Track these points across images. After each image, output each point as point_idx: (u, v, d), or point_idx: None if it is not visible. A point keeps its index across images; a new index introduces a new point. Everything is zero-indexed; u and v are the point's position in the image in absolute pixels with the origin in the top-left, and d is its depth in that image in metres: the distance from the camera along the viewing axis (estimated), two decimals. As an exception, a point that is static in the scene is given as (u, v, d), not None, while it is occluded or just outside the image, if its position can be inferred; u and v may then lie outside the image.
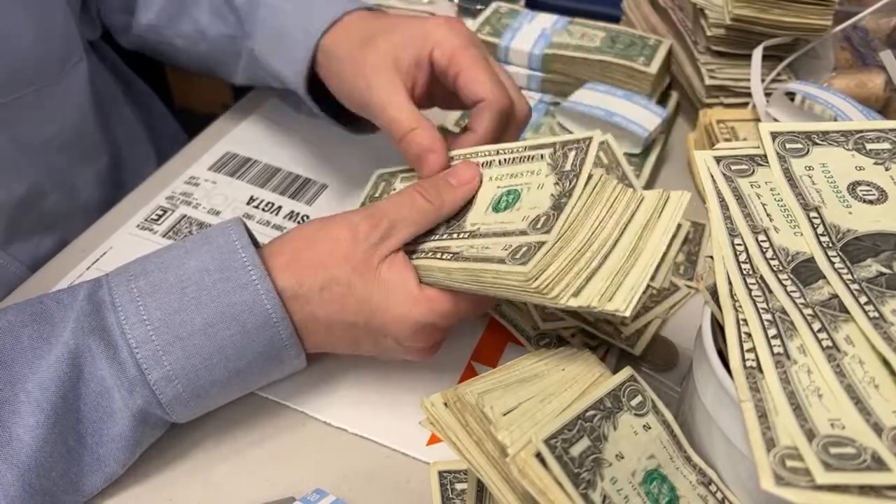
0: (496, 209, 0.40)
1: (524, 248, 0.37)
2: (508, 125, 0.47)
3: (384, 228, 0.39)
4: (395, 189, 0.48)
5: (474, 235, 0.40)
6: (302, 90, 0.51)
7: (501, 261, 0.37)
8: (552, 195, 0.39)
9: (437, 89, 0.48)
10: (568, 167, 0.39)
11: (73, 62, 0.58)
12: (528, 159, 0.42)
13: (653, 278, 0.35)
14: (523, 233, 0.37)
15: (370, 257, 0.39)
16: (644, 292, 0.34)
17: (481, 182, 0.42)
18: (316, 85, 0.51)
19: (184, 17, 0.61)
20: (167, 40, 0.63)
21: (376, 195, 0.49)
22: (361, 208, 0.41)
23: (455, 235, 0.41)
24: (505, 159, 0.43)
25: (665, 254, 0.35)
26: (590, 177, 0.39)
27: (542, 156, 0.41)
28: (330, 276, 0.39)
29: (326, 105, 0.53)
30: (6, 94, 0.52)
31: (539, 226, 0.37)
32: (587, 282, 0.35)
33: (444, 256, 0.39)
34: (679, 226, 0.54)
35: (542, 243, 0.36)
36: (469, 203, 0.42)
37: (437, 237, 0.41)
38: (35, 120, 0.55)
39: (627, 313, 0.33)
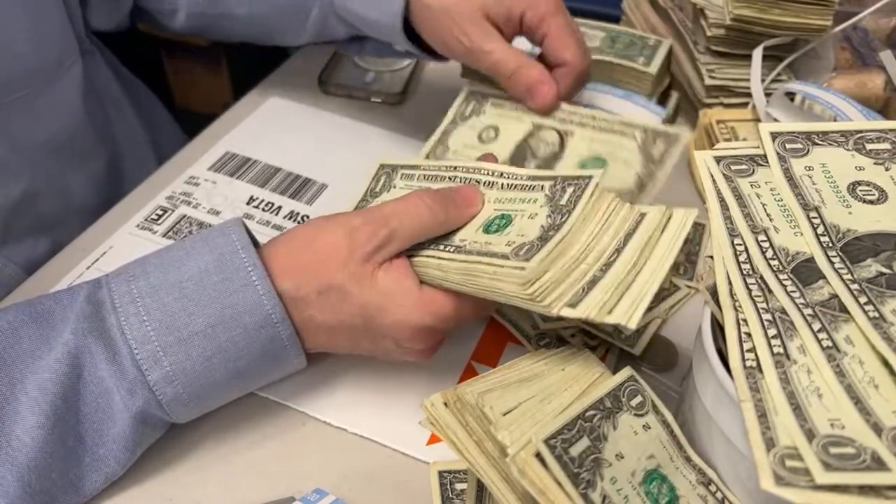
0: (486, 230, 0.41)
1: (527, 247, 0.37)
2: (577, 87, 0.51)
3: (383, 236, 0.39)
4: (394, 185, 0.48)
5: (460, 251, 0.40)
6: (399, 37, 0.53)
7: (505, 256, 0.37)
8: (541, 226, 0.39)
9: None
10: (563, 202, 0.40)
11: (68, 65, 0.57)
12: (529, 188, 0.42)
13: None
14: (504, 257, 0.37)
15: (367, 264, 0.39)
16: (650, 307, 0.34)
17: (484, 204, 0.43)
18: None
19: None
20: (227, 10, 0.62)
21: (377, 189, 0.49)
22: (362, 210, 0.41)
23: (442, 247, 0.41)
24: (507, 184, 0.43)
25: (671, 269, 0.36)
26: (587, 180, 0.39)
27: (542, 187, 0.41)
28: (327, 281, 0.38)
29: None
30: (2, 96, 0.52)
31: (521, 253, 0.37)
32: (586, 293, 0.35)
33: (439, 256, 0.39)
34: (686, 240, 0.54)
35: (545, 243, 0.36)
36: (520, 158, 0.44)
37: (428, 245, 0.41)
38: (30, 123, 0.55)
39: (633, 326, 0.33)
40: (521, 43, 0.53)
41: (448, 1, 0.50)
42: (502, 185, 0.43)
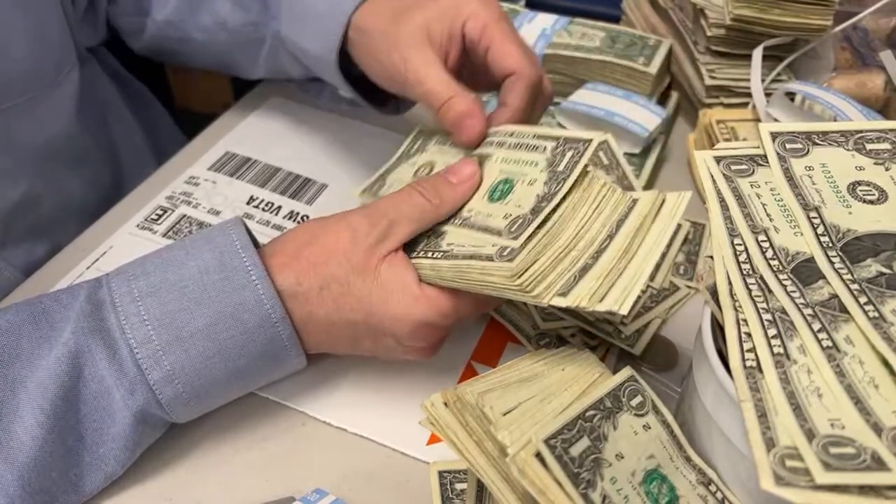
0: (491, 198, 0.41)
1: (520, 221, 0.37)
2: (537, 99, 0.47)
3: (383, 227, 0.39)
4: (427, 149, 0.48)
5: (465, 224, 0.40)
6: (333, 66, 0.51)
7: (490, 258, 0.37)
8: (537, 195, 0.38)
9: (465, 65, 0.48)
10: (561, 168, 0.39)
11: (67, 70, 0.57)
12: (533, 148, 0.41)
13: (652, 279, 0.35)
14: (498, 233, 0.37)
15: (369, 257, 0.39)
16: (644, 292, 0.34)
17: (481, 181, 0.42)
18: (342, 66, 0.51)
19: (203, 10, 0.60)
20: (185, 35, 0.62)
21: (411, 151, 0.49)
22: (360, 207, 0.41)
23: (450, 221, 0.41)
24: (515, 143, 0.43)
25: (664, 254, 0.35)
26: (578, 175, 0.39)
27: (544, 147, 0.41)
28: (329, 275, 0.39)
29: (354, 86, 0.53)
30: (1, 101, 0.52)
31: (513, 229, 0.37)
32: (576, 282, 0.35)
33: (434, 255, 0.39)
34: (679, 226, 0.54)
35: (528, 242, 0.36)
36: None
37: (424, 239, 0.41)
38: (28, 127, 0.55)
39: (624, 311, 0.33)
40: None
41: (387, 24, 0.47)
42: (510, 144, 0.43)
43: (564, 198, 0.38)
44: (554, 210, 0.37)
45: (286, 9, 0.55)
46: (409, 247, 0.41)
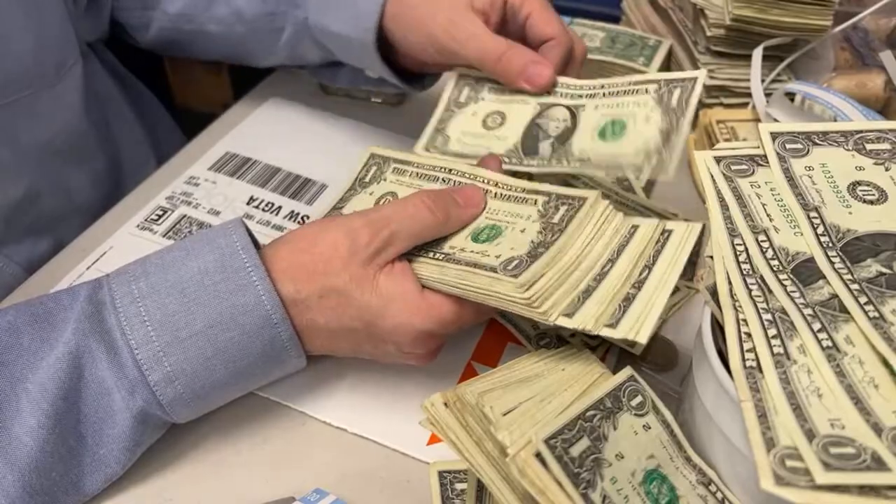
0: (475, 239, 0.41)
1: (516, 262, 0.37)
2: (569, 64, 0.50)
3: (384, 238, 0.39)
4: (384, 178, 0.48)
5: (449, 259, 0.40)
6: (371, 47, 0.52)
7: (493, 269, 0.37)
8: (532, 242, 0.39)
9: (502, 33, 0.50)
10: (556, 220, 0.40)
11: (69, 66, 0.58)
12: (522, 201, 0.42)
13: (667, 313, 0.35)
14: (493, 270, 0.37)
15: (368, 267, 0.39)
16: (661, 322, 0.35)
17: (484, 208, 0.43)
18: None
19: (217, 2, 0.61)
20: (199, 27, 0.62)
21: (366, 179, 0.49)
22: (363, 212, 0.41)
23: (431, 255, 0.41)
24: (502, 194, 0.43)
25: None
26: (582, 200, 0.40)
27: (535, 201, 0.42)
28: (328, 284, 0.38)
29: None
30: (2, 97, 0.52)
31: (511, 268, 0.37)
32: (581, 303, 0.35)
33: (437, 257, 0.39)
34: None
35: (534, 260, 0.37)
36: (571, 131, 0.44)
37: (425, 249, 0.41)
38: (30, 123, 0.55)
39: (642, 340, 0.33)
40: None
41: None
42: (496, 194, 0.43)
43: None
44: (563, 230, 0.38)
45: None
46: (410, 251, 0.41)
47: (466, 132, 0.48)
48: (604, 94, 0.45)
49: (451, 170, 0.45)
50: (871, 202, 0.35)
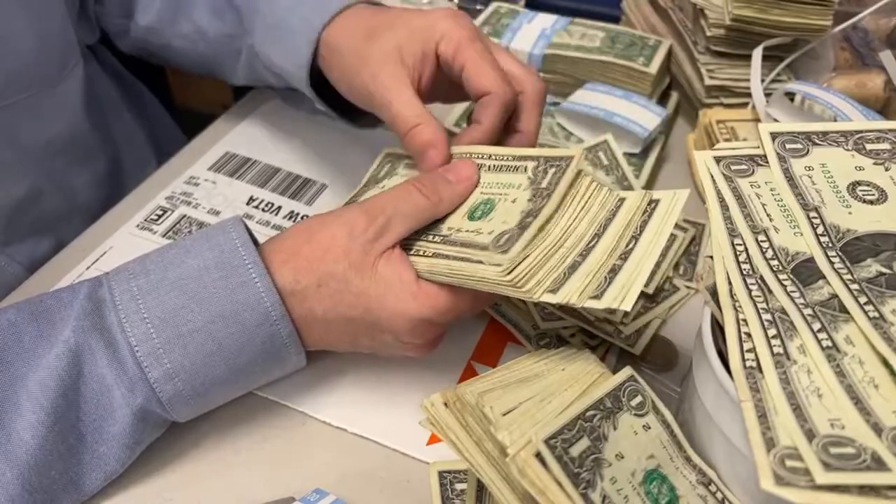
0: (471, 217, 0.41)
1: (507, 235, 0.37)
2: (521, 111, 0.47)
3: (380, 224, 0.39)
4: (397, 173, 0.48)
5: (447, 241, 0.40)
6: (304, 83, 0.51)
7: (485, 247, 0.37)
8: (521, 212, 0.39)
9: (442, 82, 0.48)
10: (544, 184, 0.39)
11: (71, 66, 0.58)
12: (513, 169, 0.42)
13: (651, 279, 0.35)
14: (484, 248, 0.38)
15: (367, 253, 0.39)
16: (650, 306, 0.34)
17: (479, 181, 0.43)
18: (317, 79, 0.51)
19: (182, 19, 0.61)
20: (166, 42, 0.63)
21: (380, 175, 0.49)
22: (358, 203, 0.41)
23: (430, 238, 0.41)
24: (493, 165, 0.43)
25: (663, 255, 0.35)
26: (568, 160, 0.39)
27: (525, 168, 0.41)
28: (327, 272, 0.39)
29: (328, 100, 0.53)
30: (4, 97, 0.52)
31: (501, 243, 0.37)
32: (566, 279, 0.35)
33: (435, 240, 0.40)
34: (687, 230, 0.54)
35: (524, 231, 0.37)
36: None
37: (418, 237, 0.41)
38: (33, 123, 0.55)
39: (627, 307, 0.33)
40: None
41: (359, 42, 0.47)
42: (490, 167, 0.43)
43: (552, 195, 0.38)
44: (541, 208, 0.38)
45: (260, 23, 0.54)
46: (404, 242, 0.41)
47: None
48: (489, 168, 0.43)
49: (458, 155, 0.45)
50: (871, 202, 0.35)
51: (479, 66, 0.45)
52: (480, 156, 0.44)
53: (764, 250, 0.34)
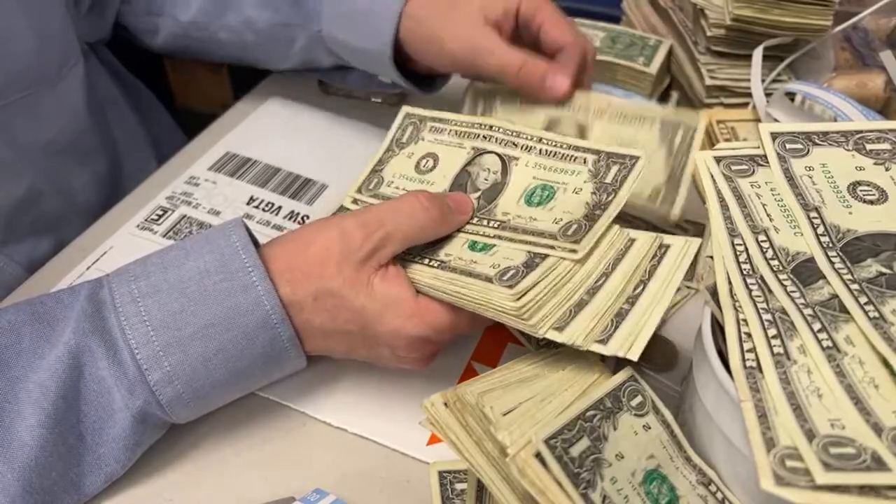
0: (529, 202, 0.40)
1: (511, 272, 0.37)
2: (584, 68, 0.51)
3: (378, 239, 0.39)
4: (422, 138, 0.48)
5: (504, 227, 0.40)
6: (387, 61, 0.54)
7: (489, 279, 0.37)
8: (587, 204, 0.39)
9: (515, 43, 0.51)
10: (609, 180, 0.39)
11: (71, 65, 0.58)
12: (570, 159, 0.42)
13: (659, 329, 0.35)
14: (552, 236, 0.37)
15: (362, 269, 0.38)
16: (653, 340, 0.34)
17: (508, 184, 0.43)
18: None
19: (229, 11, 0.61)
20: (211, 35, 0.63)
21: (403, 139, 0.48)
22: (356, 213, 0.40)
23: (486, 223, 0.40)
24: (546, 150, 0.43)
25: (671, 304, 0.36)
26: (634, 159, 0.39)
27: (584, 160, 0.41)
28: (322, 287, 0.38)
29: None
30: (3, 97, 0.52)
31: (570, 233, 0.37)
32: (572, 317, 0.35)
33: (431, 263, 0.39)
34: (687, 230, 0.54)
35: (531, 270, 0.37)
36: (501, 186, 0.43)
37: (423, 252, 0.41)
38: (32, 123, 0.55)
39: (633, 357, 0.33)
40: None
41: (442, 9, 0.51)
42: (540, 150, 0.43)
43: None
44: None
45: (328, 10, 0.56)
46: (405, 255, 0.41)
47: (399, 175, 0.47)
48: (540, 152, 0.43)
49: (491, 126, 0.45)
50: (872, 202, 0.35)
51: (558, 22, 0.51)
52: (531, 137, 0.44)
53: (764, 250, 0.34)
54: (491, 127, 0.45)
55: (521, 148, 0.44)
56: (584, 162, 0.41)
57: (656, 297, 0.35)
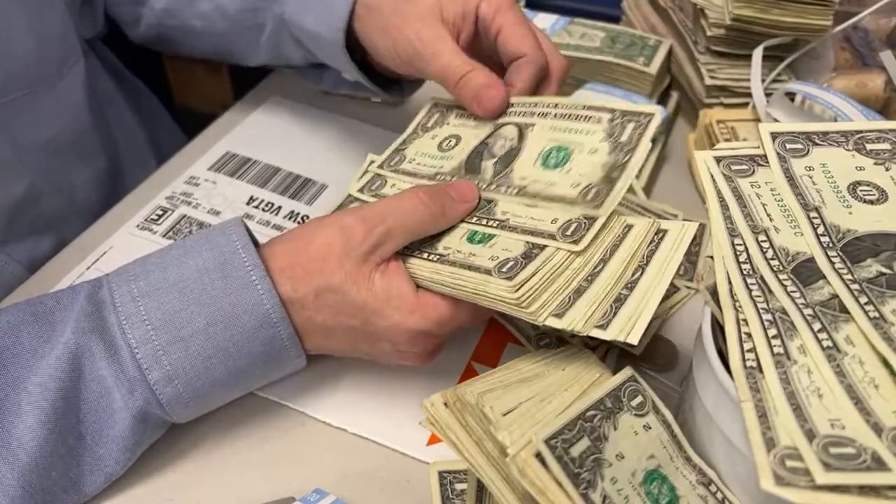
0: (545, 164, 0.40)
1: (510, 263, 0.37)
2: (544, 82, 0.48)
3: (379, 234, 0.39)
4: (448, 123, 0.47)
5: (523, 193, 0.40)
6: (339, 46, 0.50)
7: (488, 272, 0.37)
8: (604, 165, 0.38)
9: (475, 50, 0.48)
10: (624, 138, 0.39)
11: (71, 64, 0.58)
12: (585, 119, 0.41)
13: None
14: (573, 202, 0.37)
15: (363, 264, 0.38)
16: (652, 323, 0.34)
17: (479, 201, 0.42)
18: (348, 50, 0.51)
19: None
20: (184, 23, 0.62)
21: (429, 124, 0.48)
22: (357, 209, 0.40)
23: (504, 189, 0.41)
24: (561, 114, 0.43)
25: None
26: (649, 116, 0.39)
27: (599, 119, 0.41)
28: (324, 283, 0.38)
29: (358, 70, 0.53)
30: (3, 95, 0.52)
31: (590, 198, 0.37)
32: (571, 304, 0.35)
33: (430, 258, 0.39)
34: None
35: (529, 261, 0.37)
36: (516, 151, 0.43)
37: (423, 245, 0.41)
38: (32, 121, 0.55)
39: (634, 341, 0.33)
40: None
41: (399, 2, 0.47)
42: (556, 114, 0.43)
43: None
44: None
45: None
46: (405, 250, 0.41)
47: (422, 153, 0.47)
48: (555, 115, 0.43)
49: (512, 103, 0.45)
50: (872, 202, 0.35)
51: (516, 29, 0.46)
52: (546, 104, 0.44)
53: (764, 250, 0.34)
54: (511, 104, 0.45)
55: (538, 115, 0.44)
56: (599, 121, 0.41)
57: (654, 281, 0.35)
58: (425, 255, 0.40)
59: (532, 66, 0.46)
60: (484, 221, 0.41)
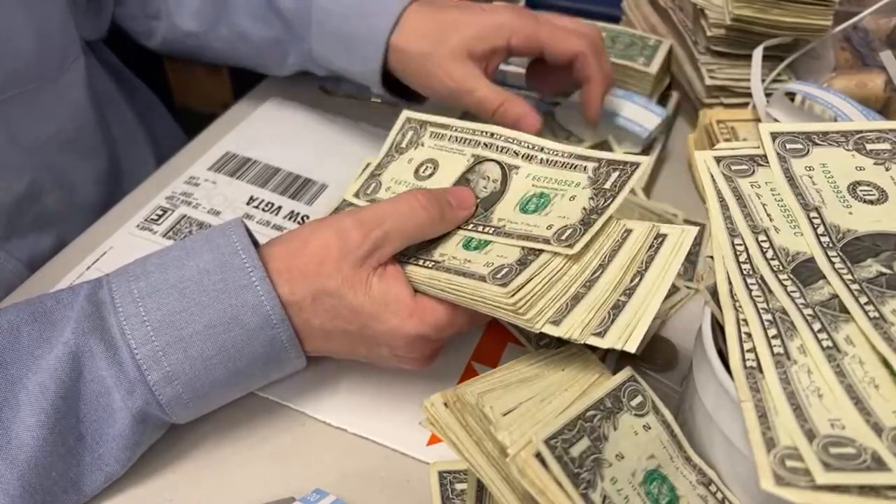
0: (524, 210, 0.40)
1: (505, 270, 0.37)
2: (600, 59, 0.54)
3: (376, 238, 0.39)
4: (423, 144, 0.48)
5: (499, 232, 0.40)
6: (377, 85, 0.56)
7: (482, 278, 0.37)
8: (584, 209, 0.38)
9: (536, 72, 0.56)
10: (608, 185, 0.39)
11: (71, 61, 0.58)
12: (571, 167, 0.42)
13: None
14: (546, 241, 0.37)
15: (360, 268, 0.38)
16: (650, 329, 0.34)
17: (507, 190, 0.42)
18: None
19: (221, 24, 0.62)
20: (206, 44, 0.64)
21: (403, 144, 0.48)
22: (354, 212, 0.40)
23: (481, 228, 0.40)
24: (547, 160, 0.43)
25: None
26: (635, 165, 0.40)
27: (584, 167, 0.41)
28: (321, 286, 0.38)
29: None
30: (3, 91, 0.52)
31: (563, 237, 0.37)
32: (569, 310, 0.35)
33: (426, 264, 0.39)
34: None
35: (524, 267, 0.36)
36: (498, 195, 0.43)
37: (420, 251, 0.41)
38: (33, 118, 0.55)
39: (631, 349, 0.33)
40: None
41: (429, 45, 0.52)
42: (541, 159, 0.43)
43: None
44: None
45: (316, 31, 0.57)
46: (402, 255, 0.41)
47: (398, 180, 0.47)
48: (541, 161, 0.43)
49: (492, 133, 0.45)
50: (872, 202, 0.35)
51: (557, 40, 0.52)
52: (532, 146, 0.44)
53: (764, 250, 0.34)
54: (492, 135, 0.45)
55: (522, 157, 0.43)
56: (585, 170, 0.41)
57: (653, 287, 0.35)
58: (421, 262, 0.40)
59: (591, 55, 0.52)
60: (480, 228, 0.41)
